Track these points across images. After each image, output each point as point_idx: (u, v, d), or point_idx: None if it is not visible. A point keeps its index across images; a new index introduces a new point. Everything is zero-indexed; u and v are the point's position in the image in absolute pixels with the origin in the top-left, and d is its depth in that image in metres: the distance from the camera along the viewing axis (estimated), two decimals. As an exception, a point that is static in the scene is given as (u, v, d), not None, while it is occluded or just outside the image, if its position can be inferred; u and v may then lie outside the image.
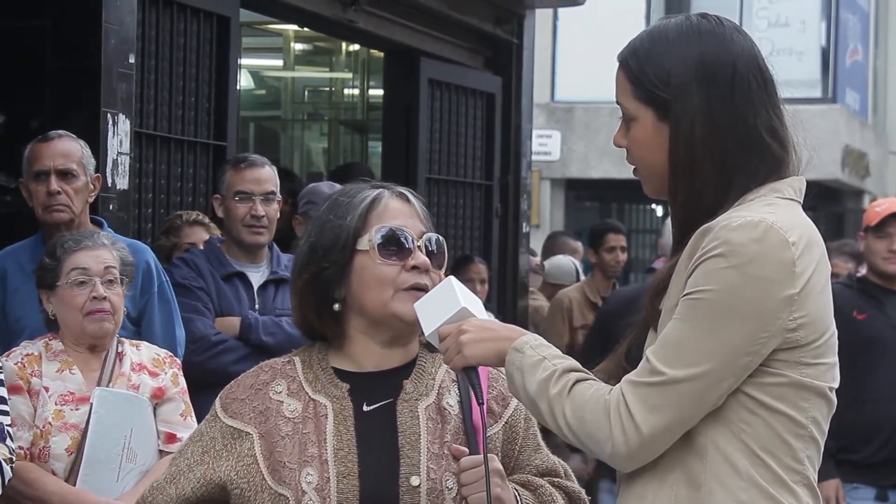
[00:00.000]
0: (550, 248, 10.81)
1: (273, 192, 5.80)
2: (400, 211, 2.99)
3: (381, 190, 3.01)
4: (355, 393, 2.95)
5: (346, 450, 2.89)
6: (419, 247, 2.96)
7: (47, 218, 5.15)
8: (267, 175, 5.82)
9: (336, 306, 2.97)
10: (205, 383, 5.05)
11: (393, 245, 2.94)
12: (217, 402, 3.01)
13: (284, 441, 2.90)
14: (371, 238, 2.94)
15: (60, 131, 5.23)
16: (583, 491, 3.06)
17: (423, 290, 2.92)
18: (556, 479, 3.05)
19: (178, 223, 6.24)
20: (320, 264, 2.97)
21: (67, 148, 5.19)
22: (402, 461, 2.90)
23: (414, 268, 2.94)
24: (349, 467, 2.87)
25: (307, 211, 6.58)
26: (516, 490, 2.94)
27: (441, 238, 3.02)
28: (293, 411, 2.94)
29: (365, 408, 2.94)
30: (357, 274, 2.95)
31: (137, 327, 5.17)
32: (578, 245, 10.67)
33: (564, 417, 2.63)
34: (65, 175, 5.14)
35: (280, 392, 2.96)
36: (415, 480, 2.88)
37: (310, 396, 2.95)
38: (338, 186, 6.51)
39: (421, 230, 2.99)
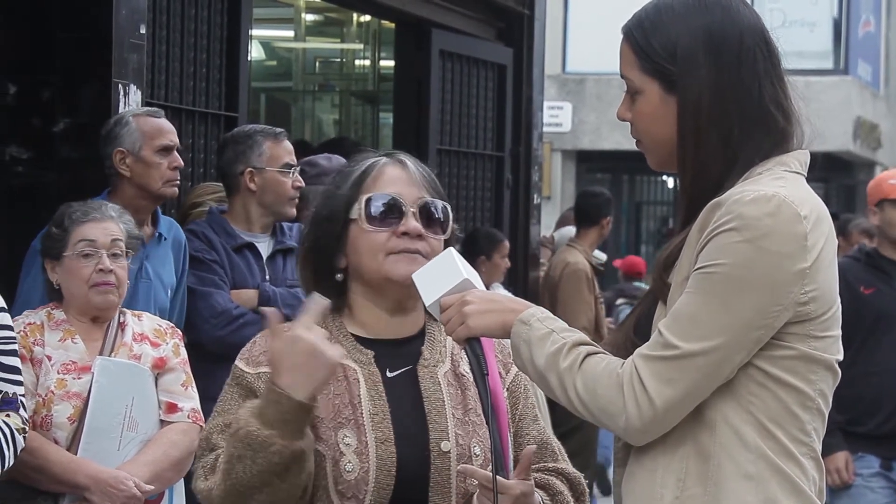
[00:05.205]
0: (564, 221, 10.81)
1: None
2: (396, 178, 2.98)
3: (378, 158, 3.01)
4: (378, 359, 2.96)
5: (381, 415, 2.89)
6: (413, 212, 2.94)
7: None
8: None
9: (338, 276, 2.98)
10: (225, 357, 5.04)
11: (382, 211, 2.94)
12: (239, 364, 2.95)
13: (318, 399, 2.86)
14: (360, 206, 2.94)
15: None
16: (581, 475, 3.05)
17: (416, 254, 2.91)
18: (559, 466, 3.04)
19: None
20: (317, 233, 2.99)
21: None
22: (430, 427, 2.91)
23: (404, 234, 2.93)
24: (385, 433, 2.87)
25: None
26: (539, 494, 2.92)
27: (445, 204, 2.99)
28: None
29: (388, 374, 2.95)
30: (353, 243, 2.96)
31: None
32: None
33: (576, 391, 2.63)
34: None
35: None
36: (445, 445, 2.89)
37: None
38: (336, 158, 6.49)
39: (416, 196, 2.96)
